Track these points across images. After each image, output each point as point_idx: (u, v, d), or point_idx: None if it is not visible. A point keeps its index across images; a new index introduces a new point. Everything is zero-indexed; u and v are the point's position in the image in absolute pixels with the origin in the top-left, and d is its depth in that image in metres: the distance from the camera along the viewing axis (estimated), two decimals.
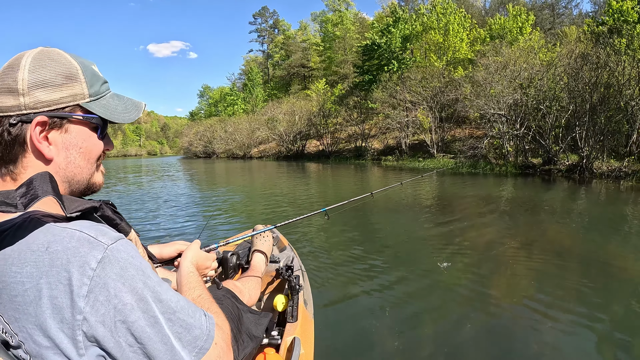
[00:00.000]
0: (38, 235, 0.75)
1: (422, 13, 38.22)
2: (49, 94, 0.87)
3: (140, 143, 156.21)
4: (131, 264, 0.78)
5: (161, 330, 0.78)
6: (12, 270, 0.73)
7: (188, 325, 0.82)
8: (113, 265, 0.75)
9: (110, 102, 0.98)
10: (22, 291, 0.72)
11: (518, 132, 19.62)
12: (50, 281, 0.71)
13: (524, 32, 33.36)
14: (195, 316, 0.86)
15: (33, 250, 0.73)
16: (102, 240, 0.76)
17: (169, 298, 0.82)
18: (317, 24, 71.69)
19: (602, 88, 16.98)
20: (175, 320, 0.81)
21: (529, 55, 22.04)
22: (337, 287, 4.48)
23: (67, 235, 0.75)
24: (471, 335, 3.40)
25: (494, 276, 4.86)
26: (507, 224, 7.87)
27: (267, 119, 50.37)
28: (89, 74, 0.93)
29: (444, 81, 29.14)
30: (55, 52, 0.91)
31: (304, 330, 2.08)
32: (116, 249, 0.76)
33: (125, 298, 0.75)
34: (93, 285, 0.72)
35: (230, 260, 2.05)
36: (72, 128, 0.91)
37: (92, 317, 0.72)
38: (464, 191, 13.38)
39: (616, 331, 3.45)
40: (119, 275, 0.75)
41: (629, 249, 6.08)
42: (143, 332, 0.76)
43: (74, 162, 0.93)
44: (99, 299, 0.72)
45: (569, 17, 49.05)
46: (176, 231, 7.73)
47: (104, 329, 0.73)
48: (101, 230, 0.79)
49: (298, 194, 13.56)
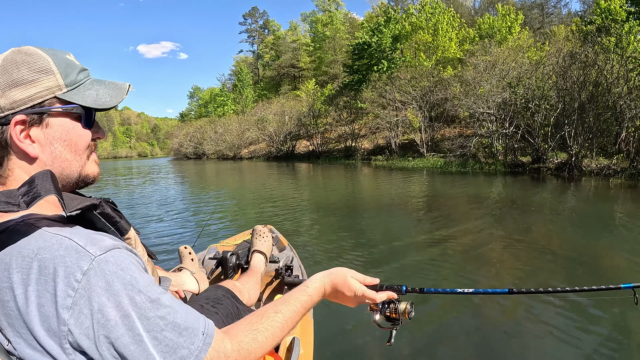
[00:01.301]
0: (30, 241, 0.74)
1: (412, 13, 38.16)
2: (24, 92, 0.84)
3: (131, 144, 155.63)
4: (118, 277, 0.75)
5: (145, 349, 0.75)
6: (4, 275, 0.72)
7: (175, 345, 0.78)
8: (99, 277, 0.73)
9: (91, 89, 0.94)
10: (12, 297, 0.71)
11: (507, 130, 19.55)
12: (38, 289, 0.71)
13: (513, 31, 33.41)
14: (187, 335, 0.80)
15: (24, 256, 0.72)
16: (89, 250, 0.74)
17: (158, 315, 0.78)
18: (307, 24, 71.62)
19: (590, 86, 16.98)
20: (162, 339, 0.77)
21: (517, 55, 21.99)
22: None
23: (57, 242, 0.74)
24: (451, 336, 3.41)
25: (477, 276, 4.78)
26: (494, 224, 7.72)
27: (257, 120, 50.16)
28: (62, 65, 0.89)
29: (433, 80, 29.06)
30: (25, 49, 0.88)
31: (304, 330, 2.08)
32: (104, 260, 0.74)
33: (109, 314, 0.72)
34: (78, 297, 0.71)
35: (230, 260, 2.09)
36: (53, 122, 0.89)
37: (76, 330, 0.71)
38: (453, 190, 13.28)
39: (601, 331, 3.35)
40: (103, 288, 0.73)
41: (615, 248, 5.95)
42: (126, 349, 0.73)
43: (60, 156, 0.90)
44: (83, 311, 0.71)
45: (558, 17, 49.29)
46: (174, 233, 7.59)
47: (89, 342, 0.72)
48: (92, 239, 0.77)
49: (291, 194, 13.51)
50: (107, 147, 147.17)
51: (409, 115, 29.07)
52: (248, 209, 10.81)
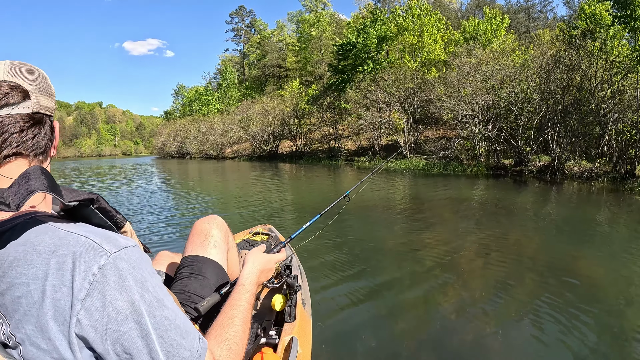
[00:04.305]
0: (44, 238, 0.77)
1: (398, 14, 37.94)
2: (53, 101, 0.98)
3: (115, 143, 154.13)
4: (131, 275, 0.79)
5: (151, 345, 0.78)
6: (17, 271, 0.75)
7: (178, 345, 0.82)
8: (113, 273, 0.76)
9: None
10: (26, 292, 0.74)
11: (490, 133, 19.32)
12: (55, 284, 0.74)
13: (498, 34, 33.37)
14: (188, 337, 0.85)
15: (39, 252, 0.75)
16: (105, 247, 0.78)
17: (163, 315, 0.82)
18: (294, 24, 71.34)
19: (574, 90, 16.81)
20: (167, 338, 0.81)
21: (501, 57, 21.81)
22: (335, 287, 4.46)
23: (73, 240, 0.77)
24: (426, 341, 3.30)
25: (451, 283, 4.48)
26: (471, 229, 7.31)
27: (240, 119, 49.67)
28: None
29: (418, 82, 28.82)
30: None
31: (302, 330, 2.07)
32: (119, 257, 0.78)
33: (121, 307, 0.76)
34: (92, 290, 0.74)
35: None
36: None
37: (85, 320, 0.74)
38: (433, 193, 12.96)
39: (575, 340, 3.11)
40: (117, 283, 0.76)
41: (594, 255, 5.58)
42: (133, 343, 0.76)
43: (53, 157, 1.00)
44: (95, 304, 0.74)
45: (543, 21, 49.60)
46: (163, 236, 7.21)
47: (95, 334, 0.74)
48: (107, 236, 0.81)
49: (275, 194, 13.31)
50: (91, 144, 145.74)
51: (393, 116, 28.78)
52: (243, 209, 10.60)
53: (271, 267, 1.47)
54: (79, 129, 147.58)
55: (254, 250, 1.45)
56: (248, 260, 1.38)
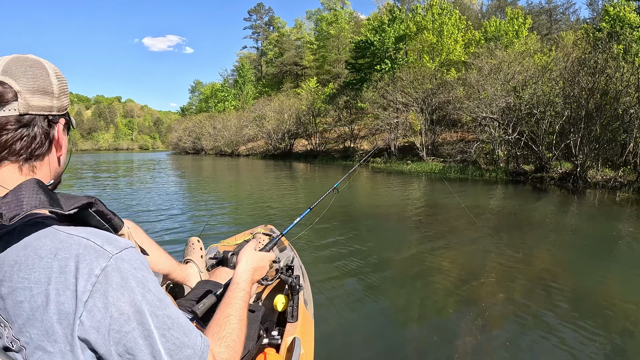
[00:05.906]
0: (45, 242, 0.76)
1: (418, 12, 37.30)
2: (66, 99, 0.95)
3: (133, 137, 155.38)
4: (133, 275, 0.79)
5: (153, 344, 0.78)
6: (19, 275, 0.74)
7: (181, 344, 0.82)
8: (115, 274, 0.76)
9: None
10: (29, 297, 0.73)
11: (510, 137, 18.75)
12: (58, 287, 0.73)
13: (520, 35, 32.63)
14: (191, 336, 0.85)
15: (41, 256, 0.75)
16: (107, 249, 0.78)
17: (165, 314, 0.82)
18: (312, 22, 70.98)
19: (598, 94, 16.13)
20: (169, 337, 0.81)
21: (523, 58, 21.16)
22: (337, 287, 4.47)
23: (75, 242, 0.77)
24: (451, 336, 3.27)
25: (460, 290, 4.39)
26: (488, 243, 6.91)
27: (255, 117, 49.44)
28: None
29: (436, 83, 28.25)
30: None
31: (304, 330, 2.08)
32: (120, 259, 0.78)
33: (123, 308, 0.76)
34: (94, 291, 0.74)
35: (231, 260, 2.11)
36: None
37: (87, 322, 0.73)
38: (449, 200, 12.53)
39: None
40: (119, 284, 0.76)
41: (618, 278, 5.16)
42: (135, 343, 0.76)
43: (62, 159, 0.97)
44: (98, 305, 0.74)
45: (566, 23, 48.46)
46: (175, 231, 7.56)
47: (97, 335, 0.74)
48: (108, 238, 0.81)
49: (288, 194, 13.19)
50: (108, 138, 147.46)
51: (411, 117, 28.23)
52: (248, 208, 10.67)
53: (265, 264, 1.46)
54: (97, 123, 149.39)
55: (246, 248, 1.44)
56: (241, 259, 1.38)
